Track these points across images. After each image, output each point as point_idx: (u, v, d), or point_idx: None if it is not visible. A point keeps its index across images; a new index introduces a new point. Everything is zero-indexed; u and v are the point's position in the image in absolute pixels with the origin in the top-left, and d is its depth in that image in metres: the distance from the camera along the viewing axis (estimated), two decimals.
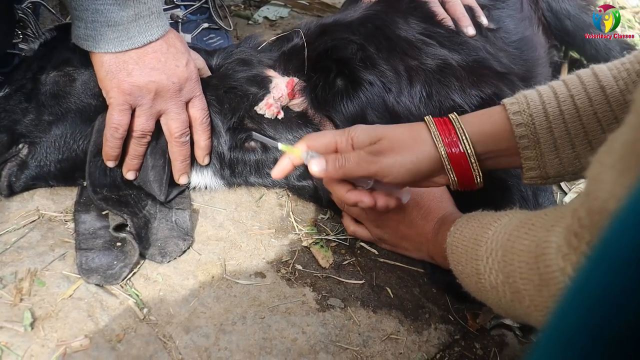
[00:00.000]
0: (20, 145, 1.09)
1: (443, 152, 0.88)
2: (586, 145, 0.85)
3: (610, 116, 0.83)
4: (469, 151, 0.87)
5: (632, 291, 0.33)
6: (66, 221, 1.08)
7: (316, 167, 0.90)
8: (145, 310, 0.95)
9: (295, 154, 0.93)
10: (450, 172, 0.89)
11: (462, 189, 0.93)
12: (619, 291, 0.34)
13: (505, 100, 0.89)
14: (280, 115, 1.14)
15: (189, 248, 1.07)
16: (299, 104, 1.15)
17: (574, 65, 1.74)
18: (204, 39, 1.64)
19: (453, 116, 0.91)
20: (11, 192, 1.09)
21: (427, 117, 0.92)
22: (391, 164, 0.87)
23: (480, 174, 0.90)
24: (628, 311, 0.33)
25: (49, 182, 1.12)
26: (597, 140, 0.84)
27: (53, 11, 1.39)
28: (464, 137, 0.87)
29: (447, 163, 0.88)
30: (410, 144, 0.88)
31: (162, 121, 1.08)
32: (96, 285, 0.97)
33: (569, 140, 0.85)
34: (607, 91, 0.83)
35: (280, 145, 0.95)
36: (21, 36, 1.24)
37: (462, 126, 0.88)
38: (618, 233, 0.35)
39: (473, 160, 0.88)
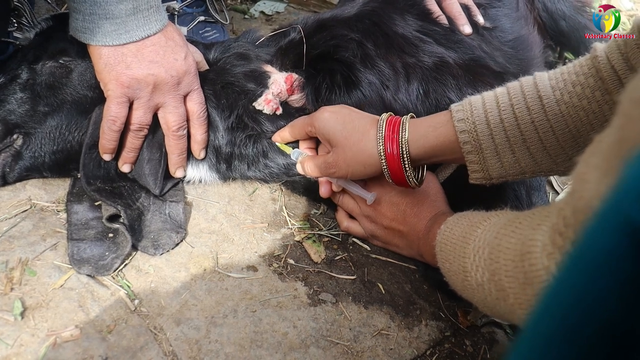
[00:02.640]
0: (15, 136, 1.08)
1: (382, 153, 0.96)
2: (525, 151, 0.90)
3: (546, 125, 0.88)
4: (404, 156, 0.95)
5: (607, 294, 0.33)
6: (58, 211, 1.08)
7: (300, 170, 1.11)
8: (136, 301, 0.94)
9: (287, 151, 1.12)
10: (385, 171, 0.98)
11: (399, 185, 1.02)
12: (594, 294, 0.34)
13: (453, 106, 0.95)
14: (279, 111, 1.14)
15: (182, 241, 1.06)
16: (297, 99, 1.15)
17: None
18: (200, 32, 1.64)
19: (403, 120, 0.97)
20: (4, 182, 1.08)
21: (383, 117, 0.99)
22: (345, 172, 1.01)
23: (414, 177, 0.98)
24: (603, 314, 0.34)
25: (43, 173, 1.12)
26: (535, 147, 0.89)
27: (49, 0, 1.38)
28: (403, 141, 0.95)
29: (384, 162, 0.97)
30: (359, 152, 0.99)
31: (160, 114, 1.08)
32: (87, 275, 0.96)
33: (509, 147, 0.90)
34: (544, 101, 0.88)
35: (277, 144, 1.14)
36: (16, 25, 1.23)
37: (406, 131, 0.95)
38: (594, 236, 0.36)
39: (407, 166, 0.96)
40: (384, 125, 0.97)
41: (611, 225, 0.33)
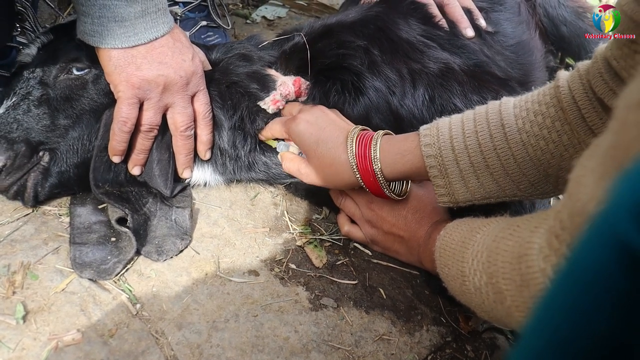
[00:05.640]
0: (41, 153, 1.07)
1: (355, 169, 0.99)
2: (488, 177, 0.92)
3: (508, 152, 0.89)
4: (378, 173, 0.97)
5: (597, 309, 0.33)
6: (60, 215, 1.08)
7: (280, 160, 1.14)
8: (138, 305, 0.94)
9: (273, 145, 1.15)
10: (363, 186, 1.01)
11: (380, 198, 1.05)
12: (584, 309, 0.34)
13: (422, 130, 0.97)
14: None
15: (186, 248, 1.06)
16: (304, 102, 1.15)
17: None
18: (202, 36, 1.64)
19: (375, 137, 0.99)
20: (36, 202, 1.07)
21: (353, 132, 1.00)
22: (319, 184, 1.05)
23: (391, 191, 1.01)
24: (594, 328, 0.34)
25: (74, 187, 1.10)
26: (498, 173, 0.91)
27: (51, 5, 1.39)
28: (376, 160, 0.97)
29: (359, 177, 0.99)
30: (332, 174, 1.02)
31: (168, 115, 1.08)
32: (89, 279, 0.96)
33: (473, 172, 0.92)
34: (506, 129, 0.90)
35: (263, 139, 1.16)
36: (19, 29, 1.23)
37: (377, 150, 0.97)
38: (584, 251, 0.36)
39: (382, 183, 0.98)
40: (355, 142, 0.99)
41: (601, 241, 0.33)
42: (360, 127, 1.03)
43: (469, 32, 1.30)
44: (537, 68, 1.46)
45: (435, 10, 1.31)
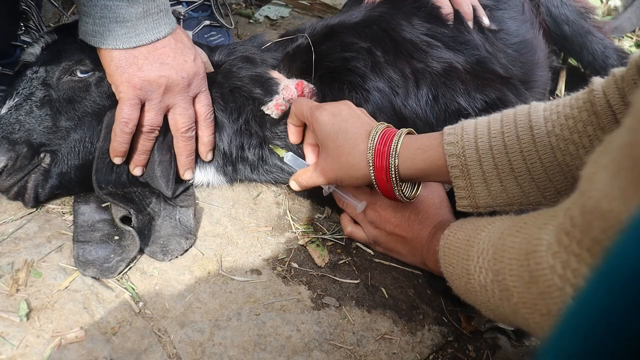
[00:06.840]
0: (42, 155, 1.07)
1: (371, 165, 0.96)
2: (512, 181, 0.89)
3: (534, 156, 0.86)
4: (392, 171, 0.94)
5: (634, 310, 0.33)
6: (64, 213, 1.08)
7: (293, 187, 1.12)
8: (140, 303, 0.95)
9: (280, 154, 1.15)
10: (374, 183, 0.98)
11: (389, 199, 1.02)
12: (620, 310, 0.34)
13: (446, 129, 0.94)
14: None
15: (191, 247, 1.07)
16: None
17: (573, 71, 1.75)
18: (205, 36, 1.65)
19: (398, 134, 0.96)
20: (37, 202, 1.08)
21: (378, 127, 0.98)
22: (334, 180, 1.04)
23: (402, 192, 0.98)
24: (630, 330, 0.33)
25: (75, 188, 1.11)
26: (523, 177, 0.88)
27: (55, 4, 1.39)
28: (393, 156, 0.94)
29: (372, 174, 0.97)
30: (347, 165, 0.99)
31: (170, 116, 1.09)
32: (92, 277, 0.97)
33: (497, 175, 0.89)
34: (534, 131, 0.87)
35: (271, 146, 1.16)
36: (23, 28, 1.24)
37: (398, 147, 0.94)
38: (621, 252, 0.35)
39: (395, 181, 0.96)
40: (377, 138, 0.97)
41: (638, 243, 0.33)
42: (386, 124, 1.01)
43: (485, 20, 1.31)
44: (539, 67, 1.46)
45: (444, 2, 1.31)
